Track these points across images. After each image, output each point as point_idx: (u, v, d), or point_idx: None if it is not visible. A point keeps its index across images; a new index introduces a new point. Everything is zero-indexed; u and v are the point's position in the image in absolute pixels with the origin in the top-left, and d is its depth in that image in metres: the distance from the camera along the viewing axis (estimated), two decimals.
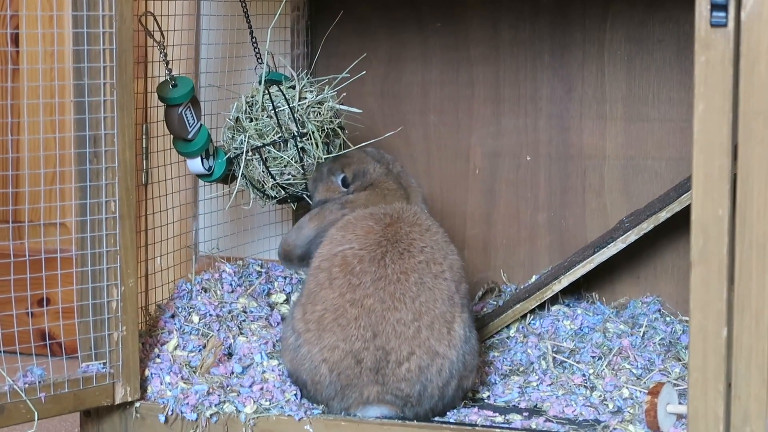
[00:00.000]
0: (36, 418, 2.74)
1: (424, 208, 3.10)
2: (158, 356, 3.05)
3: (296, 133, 3.21)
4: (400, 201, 3.09)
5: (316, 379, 2.86)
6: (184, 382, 2.97)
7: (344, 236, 2.92)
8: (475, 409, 2.92)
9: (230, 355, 3.12)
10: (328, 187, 3.21)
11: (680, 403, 2.65)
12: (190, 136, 3.19)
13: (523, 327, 3.36)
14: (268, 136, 3.22)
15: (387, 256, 2.88)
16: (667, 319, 3.39)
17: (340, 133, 3.30)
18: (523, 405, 2.98)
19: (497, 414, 2.91)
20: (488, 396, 3.04)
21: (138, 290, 2.92)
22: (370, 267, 2.86)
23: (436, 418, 2.89)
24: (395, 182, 3.16)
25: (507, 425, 2.86)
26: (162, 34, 3.15)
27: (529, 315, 3.39)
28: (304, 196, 3.28)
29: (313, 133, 3.22)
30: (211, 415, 2.88)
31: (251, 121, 3.23)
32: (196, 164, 3.23)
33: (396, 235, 2.91)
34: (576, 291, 3.52)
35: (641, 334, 3.27)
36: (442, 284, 2.90)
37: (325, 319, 2.85)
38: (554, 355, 3.21)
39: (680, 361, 3.14)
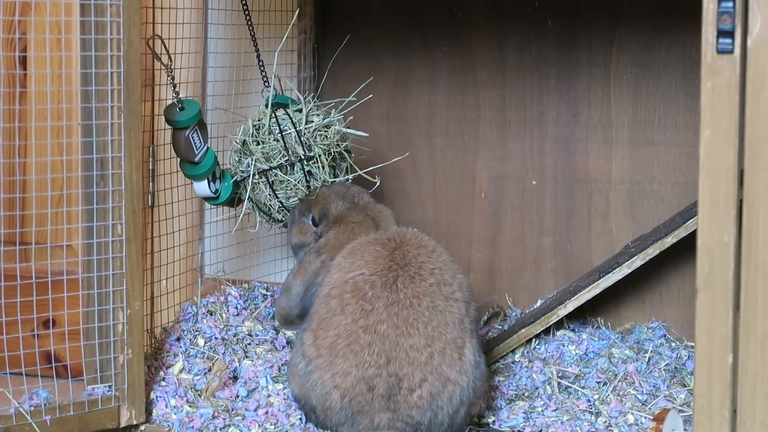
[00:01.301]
0: None
1: None
2: (163, 379, 3.05)
3: (303, 157, 3.21)
4: (369, 231, 3.10)
5: (326, 405, 2.85)
6: (190, 406, 2.97)
7: (353, 263, 2.91)
8: None
9: (235, 378, 3.12)
10: (300, 228, 3.23)
11: (686, 430, 2.65)
12: (197, 159, 3.20)
13: (528, 352, 3.36)
14: (274, 159, 3.22)
15: (398, 281, 2.87)
16: (673, 344, 3.39)
17: (346, 156, 3.31)
18: (528, 430, 2.98)
19: None
20: (493, 421, 3.04)
21: (144, 313, 2.92)
22: (382, 292, 2.85)
23: None
24: (361, 214, 3.16)
25: None
26: (169, 57, 3.16)
27: (534, 340, 3.38)
28: None
29: (319, 156, 3.22)
30: None
31: (258, 144, 3.24)
32: (202, 187, 3.24)
33: (404, 259, 2.90)
34: (581, 316, 3.51)
35: (646, 359, 3.26)
36: (453, 306, 2.89)
37: (337, 345, 2.84)
38: (559, 380, 3.20)
39: (686, 386, 3.13)
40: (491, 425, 3.02)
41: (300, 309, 3.07)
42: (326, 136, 3.26)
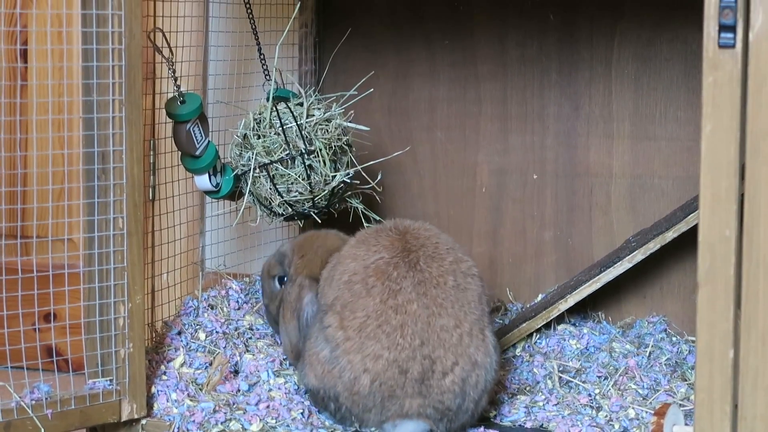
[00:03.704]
0: None
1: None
2: (165, 373, 3.05)
3: (304, 150, 3.21)
4: (334, 239, 3.13)
5: (354, 390, 2.78)
6: (191, 400, 2.97)
7: (368, 249, 2.87)
8: (481, 429, 2.92)
9: (236, 372, 3.12)
10: (273, 295, 3.21)
11: (686, 424, 2.65)
12: (197, 153, 3.20)
13: (529, 346, 3.36)
14: (275, 153, 3.22)
15: (420, 261, 2.83)
16: (674, 339, 3.39)
17: (347, 150, 3.30)
18: (529, 425, 2.98)
19: None
20: (494, 415, 3.04)
21: (145, 307, 2.92)
22: (407, 272, 2.81)
23: None
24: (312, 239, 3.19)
25: None
26: (171, 50, 3.16)
27: (535, 334, 3.39)
28: (311, 213, 3.28)
29: (320, 150, 3.22)
30: None
31: (259, 138, 3.24)
32: (203, 181, 3.24)
33: (418, 240, 2.88)
34: (582, 310, 3.52)
35: (647, 354, 3.27)
36: (472, 283, 2.86)
37: (367, 326, 2.77)
38: (560, 374, 3.20)
39: (686, 381, 3.14)
40: (492, 419, 3.02)
41: (304, 338, 3.00)
42: (327, 130, 3.26)
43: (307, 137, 3.22)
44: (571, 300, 3.33)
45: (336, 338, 2.81)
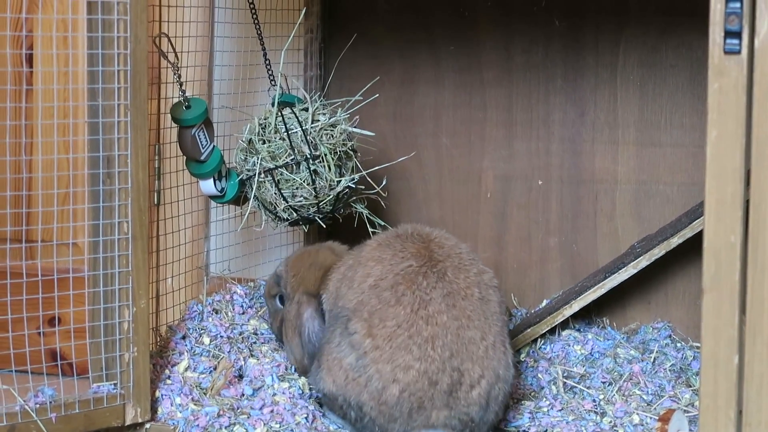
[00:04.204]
0: None
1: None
2: (169, 377, 3.05)
3: (309, 156, 3.21)
4: (325, 254, 3.15)
5: (382, 399, 2.76)
6: (195, 404, 2.97)
7: (395, 254, 2.88)
8: None
9: (241, 377, 3.12)
10: (276, 314, 3.23)
11: (691, 430, 2.65)
12: (202, 158, 3.20)
13: (533, 351, 3.36)
14: (280, 158, 3.22)
15: (448, 271, 2.84)
16: (678, 345, 3.38)
17: (352, 155, 3.31)
18: (533, 430, 2.98)
19: None
20: (499, 421, 3.03)
21: (149, 311, 2.92)
22: (437, 283, 2.81)
23: None
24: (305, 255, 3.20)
25: None
26: (176, 55, 3.17)
27: (539, 339, 3.39)
28: (316, 218, 3.28)
29: (325, 155, 3.22)
30: None
31: (264, 143, 3.24)
32: (208, 185, 3.24)
33: (443, 250, 2.89)
34: (587, 316, 3.51)
35: (652, 359, 3.26)
36: (492, 295, 2.88)
37: (398, 336, 2.76)
38: (565, 380, 3.20)
39: (691, 387, 3.13)
40: (497, 425, 3.02)
41: (310, 354, 3.00)
42: (332, 135, 3.26)
43: (312, 142, 3.22)
44: (576, 306, 3.33)
45: (363, 346, 2.80)
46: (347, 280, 2.92)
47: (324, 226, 3.32)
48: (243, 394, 3.05)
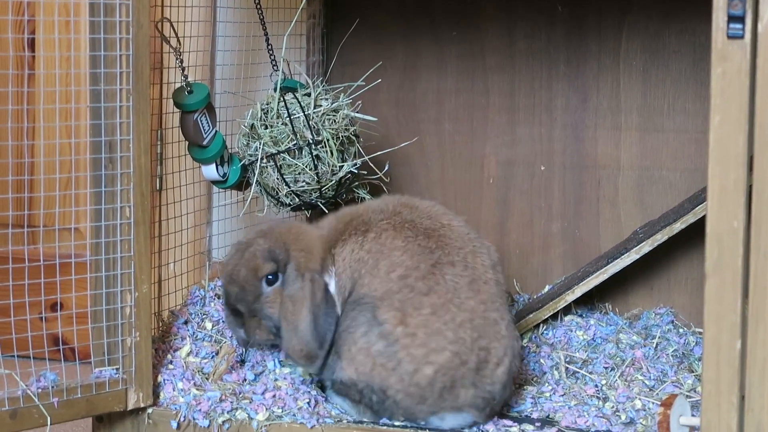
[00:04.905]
0: (49, 423, 2.74)
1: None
2: (171, 362, 3.05)
3: (311, 141, 3.21)
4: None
5: (413, 381, 2.80)
6: (197, 389, 2.97)
7: (417, 243, 2.92)
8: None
9: (243, 362, 3.12)
10: (265, 298, 3.00)
11: (693, 415, 2.64)
12: (205, 143, 3.20)
13: (536, 337, 3.36)
14: (282, 144, 3.22)
15: (468, 258, 2.90)
16: (681, 330, 3.38)
17: (354, 141, 3.30)
18: (535, 415, 2.98)
19: (513, 424, 2.90)
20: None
21: (151, 296, 2.92)
22: (463, 271, 2.87)
23: (447, 428, 2.87)
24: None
25: None
26: (178, 40, 3.16)
27: (542, 325, 3.39)
28: (319, 203, 3.28)
29: (328, 140, 3.22)
30: (224, 421, 2.88)
31: (266, 128, 3.24)
32: (210, 171, 3.24)
33: (461, 238, 2.95)
34: (589, 301, 3.51)
35: (654, 345, 3.26)
36: (500, 274, 2.96)
37: (433, 323, 2.82)
38: (567, 365, 3.20)
39: (693, 372, 3.13)
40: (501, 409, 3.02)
41: (320, 339, 2.91)
42: (335, 121, 3.26)
43: (314, 127, 3.22)
44: (578, 291, 3.33)
45: (395, 333, 2.83)
46: (372, 268, 2.92)
47: (327, 212, 3.31)
48: (245, 379, 3.05)
